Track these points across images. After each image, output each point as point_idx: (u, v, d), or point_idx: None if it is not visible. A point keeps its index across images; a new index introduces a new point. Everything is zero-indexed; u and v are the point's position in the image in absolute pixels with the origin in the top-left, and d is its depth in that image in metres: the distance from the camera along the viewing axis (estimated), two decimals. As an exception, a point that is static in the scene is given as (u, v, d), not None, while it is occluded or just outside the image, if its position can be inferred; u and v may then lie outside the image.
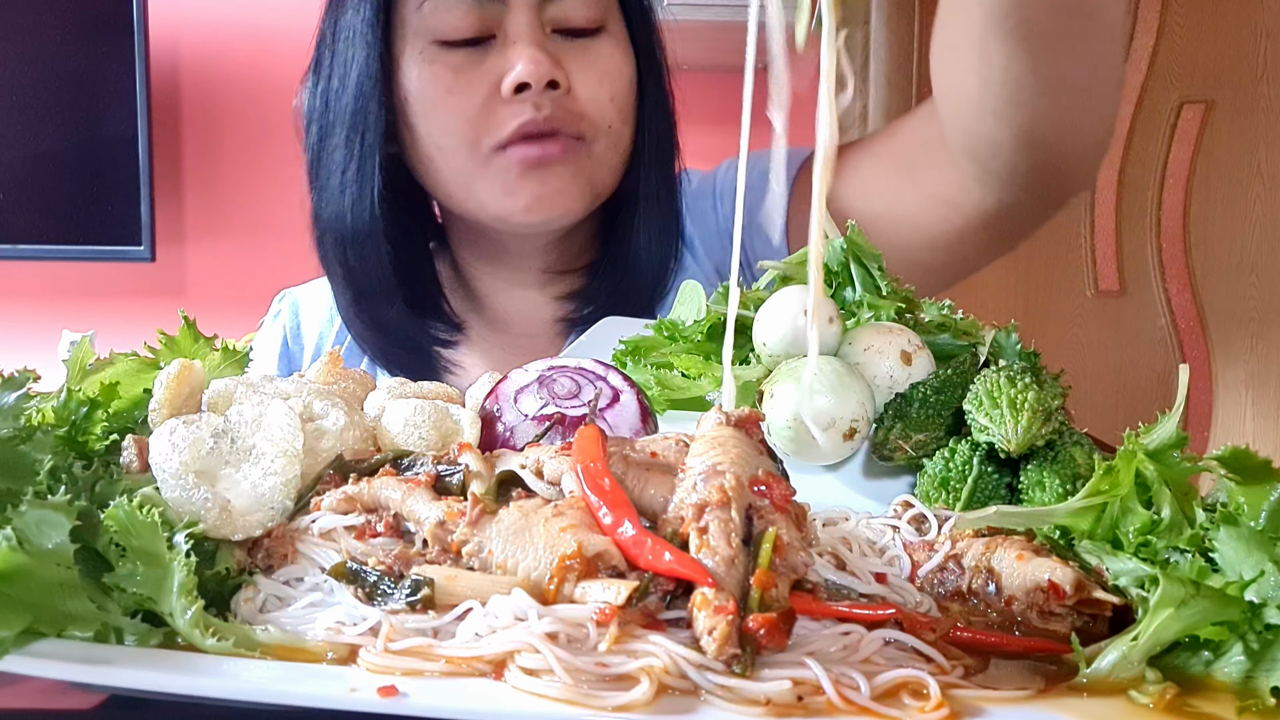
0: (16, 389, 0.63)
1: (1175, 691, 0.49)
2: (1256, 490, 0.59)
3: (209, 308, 2.68)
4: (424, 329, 1.22)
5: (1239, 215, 2.99)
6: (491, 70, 1.10)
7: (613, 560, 0.53)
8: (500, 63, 1.10)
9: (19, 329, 2.81)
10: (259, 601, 0.57)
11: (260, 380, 0.71)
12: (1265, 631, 0.50)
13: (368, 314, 1.21)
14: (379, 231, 1.16)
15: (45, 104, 2.60)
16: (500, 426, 0.74)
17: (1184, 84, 3.00)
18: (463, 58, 1.11)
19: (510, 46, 1.10)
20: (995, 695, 0.49)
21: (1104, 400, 3.01)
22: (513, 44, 1.10)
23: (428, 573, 0.54)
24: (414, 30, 1.12)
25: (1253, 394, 2.99)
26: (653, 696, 0.46)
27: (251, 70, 2.79)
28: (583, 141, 1.13)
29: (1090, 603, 0.58)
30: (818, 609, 0.54)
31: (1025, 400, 0.73)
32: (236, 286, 2.76)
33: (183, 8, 2.77)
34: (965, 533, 0.65)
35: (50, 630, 0.51)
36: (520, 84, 1.08)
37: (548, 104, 1.09)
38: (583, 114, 1.12)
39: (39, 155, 2.61)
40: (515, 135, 1.10)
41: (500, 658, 0.49)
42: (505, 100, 1.10)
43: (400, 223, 1.19)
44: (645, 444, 0.65)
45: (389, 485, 0.62)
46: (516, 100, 1.09)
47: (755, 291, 0.93)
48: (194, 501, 0.59)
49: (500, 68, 1.10)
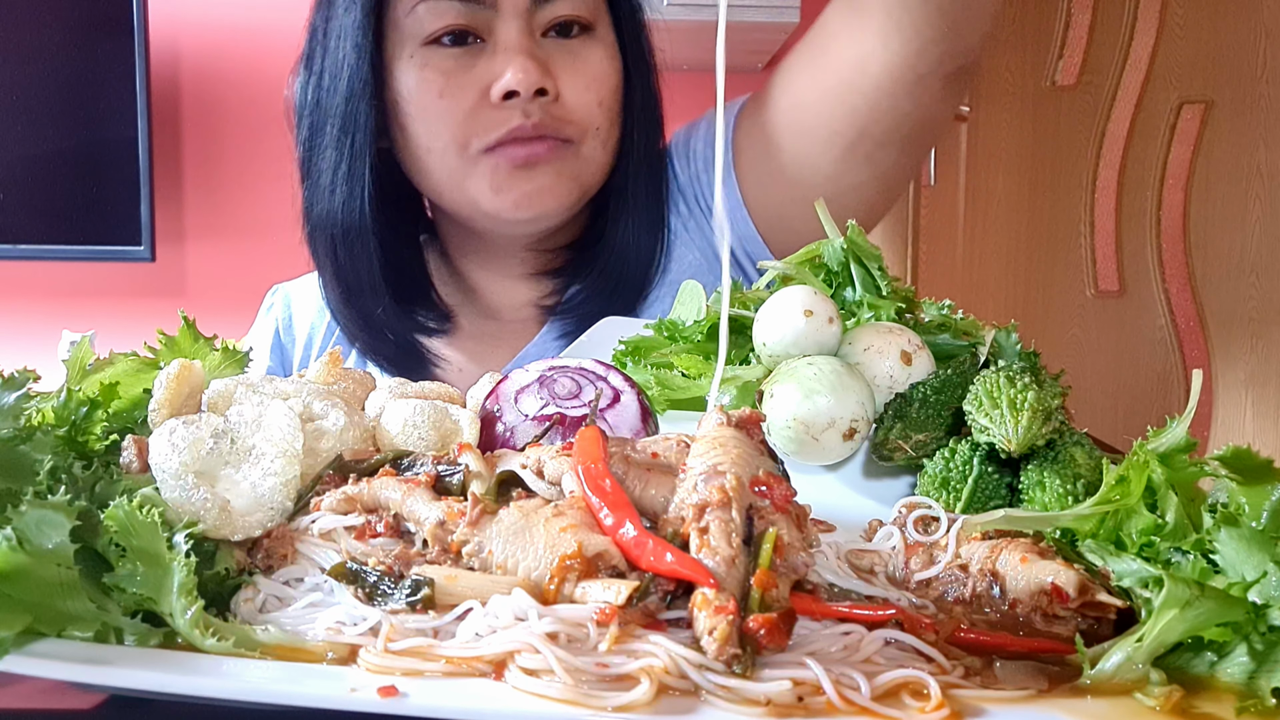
0: (16, 389, 0.63)
1: (1181, 694, 0.49)
2: (1257, 490, 0.59)
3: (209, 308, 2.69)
4: (412, 323, 1.23)
5: (1239, 215, 3.00)
6: (481, 75, 1.11)
7: (613, 560, 0.53)
8: (490, 68, 1.11)
9: (19, 329, 2.81)
10: (259, 602, 0.57)
11: (260, 380, 0.71)
12: (1269, 633, 0.50)
13: (356, 309, 1.22)
14: (369, 230, 1.17)
15: (45, 104, 2.60)
16: (500, 426, 0.74)
17: (1184, 84, 3.00)
18: (453, 62, 1.12)
19: (500, 53, 1.11)
20: (996, 695, 0.49)
21: (1104, 400, 3.01)
22: (502, 50, 1.11)
23: (428, 573, 0.54)
24: (405, 33, 1.13)
25: (1253, 394, 3.00)
26: (653, 697, 0.46)
27: (251, 70, 2.79)
28: (570, 143, 1.15)
29: (1094, 605, 0.57)
30: (818, 609, 0.54)
31: (1025, 400, 0.72)
32: (236, 286, 2.76)
33: (183, 8, 2.77)
34: (971, 535, 0.65)
35: (50, 630, 0.51)
36: (509, 92, 1.09)
37: (536, 110, 1.11)
38: (570, 118, 1.14)
39: (39, 155, 2.62)
40: (504, 139, 1.12)
41: (500, 658, 0.49)
42: (494, 105, 1.11)
43: (390, 219, 1.20)
44: (646, 444, 0.64)
45: (389, 485, 0.62)
46: (505, 106, 1.10)
47: (755, 291, 0.93)
48: (194, 502, 0.59)
49: (490, 73, 1.11)
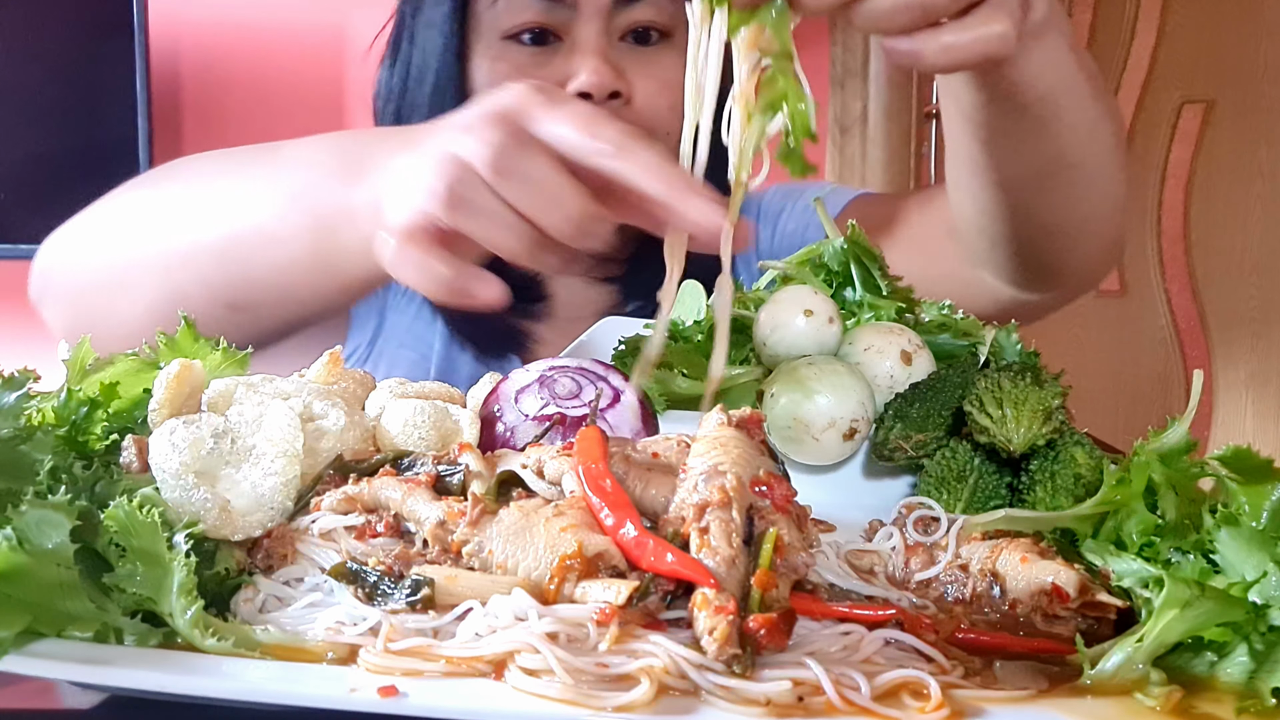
0: (16, 389, 0.63)
1: (1182, 694, 0.49)
2: (1257, 490, 0.59)
3: (209, 308, 2.68)
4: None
5: (1239, 215, 2.99)
6: (556, 74, 1.11)
7: (613, 560, 0.53)
8: (565, 68, 1.11)
9: (19, 329, 2.81)
10: (259, 601, 0.57)
11: (260, 380, 0.71)
12: (1269, 633, 0.50)
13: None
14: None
15: (45, 104, 2.60)
16: (501, 426, 0.74)
17: (1184, 84, 3.00)
18: (529, 58, 1.13)
19: (576, 53, 1.11)
20: (996, 695, 0.49)
21: (1104, 400, 3.01)
22: (579, 51, 1.11)
23: (428, 573, 0.54)
24: (485, 27, 1.14)
25: (1253, 394, 3.00)
26: (653, 697, 0.46)
27: (252, 71, 2.79)
28: None
29: (1094, 605, 0.57)
30: (818, 609, 0.54)
31: (1025, 400, 0.72)
32: (236, 286, 2.76)
33: (183, 8, 2.77)
34: (971, 535, 0.65)
35: (50, 630, 0.51)
36: (582, 93, 1.09)
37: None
38: (641, 123, 1.13)
39: (39, 155, 2.61)
40: None
41: (500, 658, 0.49)
42: None
43: None
44: (647, 444, 0.65)
45: (389, 485, 0.62)
46: None
47: (755, 292, 0.93)
48: (194, 502, 0.59)
49: (564, 72, 1.11)
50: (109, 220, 0.96)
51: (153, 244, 0.90)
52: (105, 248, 0.94)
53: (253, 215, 0.83)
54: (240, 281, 0.85)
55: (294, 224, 0.80)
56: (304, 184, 0.81)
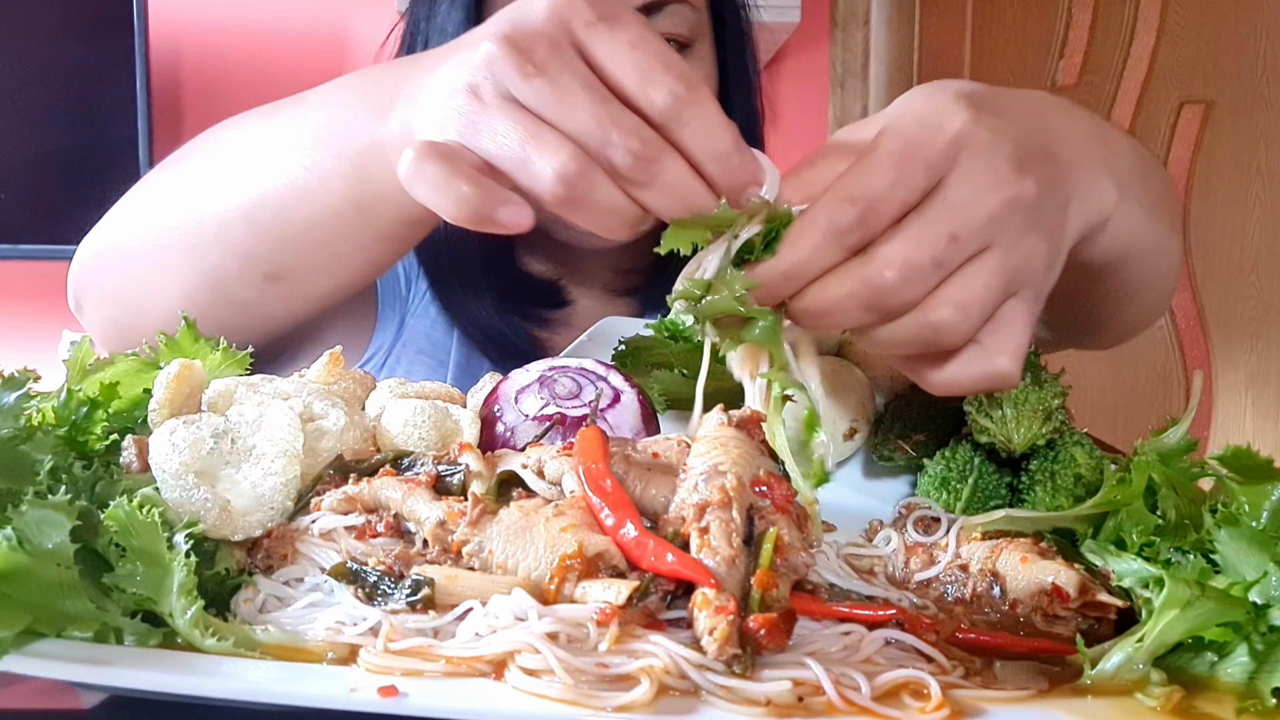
0: (16, 389, 0.63)
1: (1182, 694, 0.49)
2: (1257, 490, 0.59)
3: (209, 308, 2.68)
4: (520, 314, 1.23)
5: (1239, 215, 2.99)
6: None
7: (613, 560, 0.53)
8: None
9: (19, 329, 2.81)
10: (259, 602, 0.57)
11: (260, 380, 0.71)
12: (1269, 633, 0.50)
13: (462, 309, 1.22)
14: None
15: (45, 104, 2.60)
16: (501, 426, 0.74)
17: (1184, 84, 3.00)
18: None
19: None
20: (996, 695, 0.49)
21: (1104, 400, 3.00)
22: None
23: (428, 573, 0.54)
24: None
25: (1253, 394, 2.99)
26: (653, 697, 0.46)
27: (252, 70, 2.79)
28: None
29: (1094, 606, 0.58)
30: (818, 609, 0.54)
31: (1025, 400, 0.72)
32: (236, 286, 2.75)
33: (183, 8, 2.77)
34: (971, 535, 0.65)
35: (50, 630, 0.51)
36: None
37: None
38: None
39: (39, 155, 2.61)
40: None
41: (500, 658, 0.49)
42: None
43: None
44: (647, 444, 0.64)
45: (389, 485, 0.62)
46: None
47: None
48: (194, 502, 0.59)
49: None
50: (136, 209, 0.92)
51: (181, 222, 0.85)
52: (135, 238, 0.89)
53: (282, 170, 0.79)
54: (276, 245, 0.81)
55: (326, 170, 0.76)
56: (329, 127, 0.77)
